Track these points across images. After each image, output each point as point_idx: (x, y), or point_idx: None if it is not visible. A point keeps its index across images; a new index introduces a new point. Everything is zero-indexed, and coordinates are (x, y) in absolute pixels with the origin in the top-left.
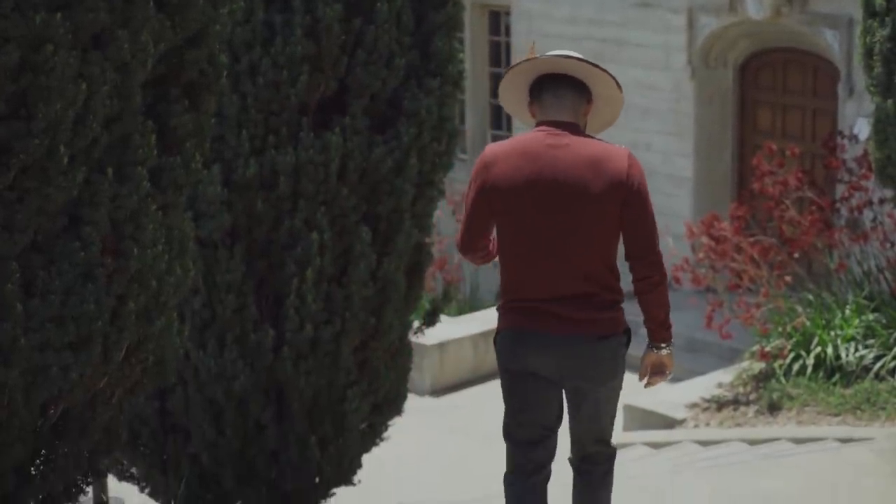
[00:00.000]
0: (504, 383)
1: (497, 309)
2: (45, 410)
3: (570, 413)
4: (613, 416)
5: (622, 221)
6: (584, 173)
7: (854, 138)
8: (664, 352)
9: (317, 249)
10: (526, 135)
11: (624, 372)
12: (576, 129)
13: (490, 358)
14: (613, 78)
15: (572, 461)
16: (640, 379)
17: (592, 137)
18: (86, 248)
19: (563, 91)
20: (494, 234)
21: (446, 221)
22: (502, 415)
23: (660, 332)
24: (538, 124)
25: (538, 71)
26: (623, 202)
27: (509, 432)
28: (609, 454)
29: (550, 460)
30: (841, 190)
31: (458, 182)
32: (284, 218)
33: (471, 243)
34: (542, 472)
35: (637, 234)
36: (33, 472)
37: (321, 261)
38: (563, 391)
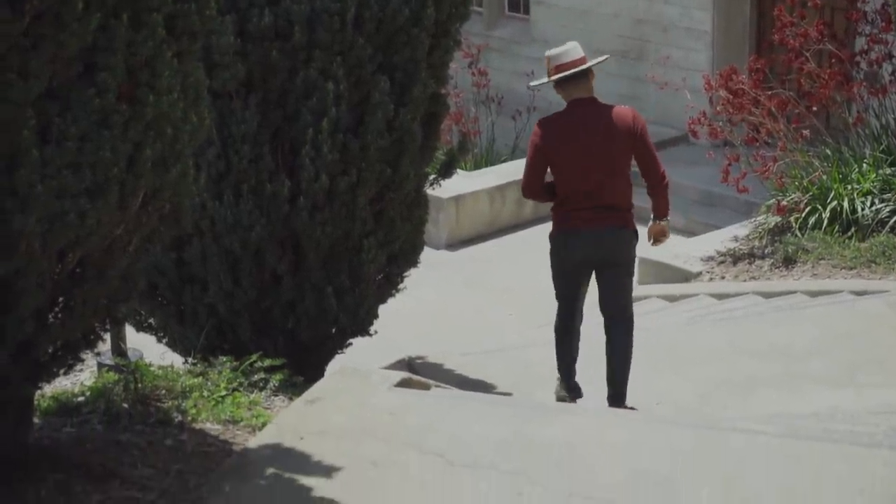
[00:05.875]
0: (553, 266)
1: (552, 218)
2: (62, 257)
3: (598, 289)
4: (627, 294)
5: (634, 154)
6: (605, 125)
7: None
8: (663, 222)
9: (332, 99)
10: (563, 109)
11: (635, 261)
12: (594, 100)
13: (506, 211)
14: (600, 62)
15: (604, 321)
16: (648, 240)
17: (606, 104)
18: (101, 95)
19: (578, 80)
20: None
21: (462, 74)
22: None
23: (660, 211)
24: (569, 102)
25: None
26: (633, 141)
27: (556, 291)
28: (626, 318)
29: (580, 308)
30: (861, 43)
31: (474, 35)
32: (300, 68)
33: (531, 186)
34: (576, 315)
35: (644, 162)
36: (51, 319)
37: (337, 111)
38: (594, 273)
